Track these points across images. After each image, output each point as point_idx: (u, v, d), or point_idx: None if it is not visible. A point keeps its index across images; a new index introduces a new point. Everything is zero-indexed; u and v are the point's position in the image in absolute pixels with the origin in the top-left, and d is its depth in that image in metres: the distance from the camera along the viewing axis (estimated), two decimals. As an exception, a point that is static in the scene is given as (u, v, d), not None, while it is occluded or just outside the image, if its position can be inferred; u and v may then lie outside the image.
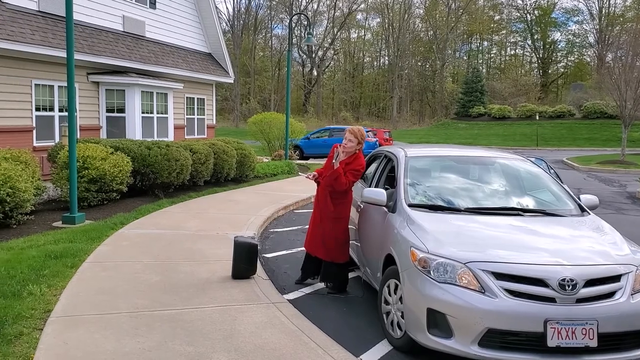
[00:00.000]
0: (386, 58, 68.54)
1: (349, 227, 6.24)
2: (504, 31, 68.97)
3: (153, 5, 16.41)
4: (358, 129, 6.05)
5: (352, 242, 6.42)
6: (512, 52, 71.99)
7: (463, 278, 4.11)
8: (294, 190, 13.48)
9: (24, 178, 8.64)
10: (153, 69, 15.58)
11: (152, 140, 12.90)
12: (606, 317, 3.95)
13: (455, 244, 4.37)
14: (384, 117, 63.11)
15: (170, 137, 16.08)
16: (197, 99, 18.97)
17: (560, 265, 4.12)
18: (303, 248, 6.57)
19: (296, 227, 9.83)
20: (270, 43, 69.76)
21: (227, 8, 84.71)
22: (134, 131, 14.60)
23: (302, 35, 59.56)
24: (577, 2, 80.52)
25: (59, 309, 4.97)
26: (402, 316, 4.51)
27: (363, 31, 71.22)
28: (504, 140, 40.49)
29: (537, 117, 42.76)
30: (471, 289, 4.06)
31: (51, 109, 12.79)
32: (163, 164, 11.28)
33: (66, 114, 9.64)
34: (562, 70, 68.39)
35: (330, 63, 70.28)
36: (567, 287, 3.97)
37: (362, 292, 6.19)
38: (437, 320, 4.13)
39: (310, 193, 12.72)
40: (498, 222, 4.88)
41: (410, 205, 5.14)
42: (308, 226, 6.39)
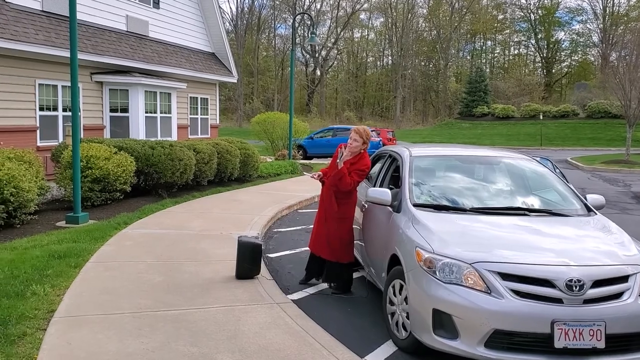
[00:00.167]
0: (389, 58, 68.54)
1: (353, 227, 6.21)
2: (508, 30, 68.77)
3: (156, 5, 16.40)
4: (363, 128, 6.01)
5: (356, 242, 6.39)
6: (516, 51, 71.84)
7: (469, 278, 4.07)
8: (297, 190, 13.45)
9: (27, 178, 8.64)
10: (156, 69, 15.58)
11: (156, 140, 12.89)
12: (614, 318, 3.91)
13: (461, 244, 4.34)
14: (387, 117, 63.02)
15: (174, 137, 16.08)
16: (201, 98, 18.97)
17: (567, 265, 4.08)
18: (307, 248, 6.55)
19: (300, 227, 9.80)
20: (274, 43, 69.79)
21: (230, 8, 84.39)
22: (138, 131, 14.60)
23: (306, 35, 59.50)
24: (581, 2, 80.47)
25: (62, 309, 4.95)
26: (407, 317, 4.48)
27: (366, 31, 71.19)
28: (508, 140, 40.39)
29: (541, 117, 42.62)
30: (477, 289, 4.02)
31: (55, 109, 12.79)
32: (167, 164, 11.27)
33: (70, 113, 9.64)
34: (565, 69, 68.18)
35: (333, 63, 70.23)
36: (574, 288, 3.93)
37: (366, 292, 6.16)
38: (443, 321, 4.09)
39: (314, 193, 12.69)
40: (504, 222, 4.84)
41: (415, 205, 5.10)
42: (313, 226, 6.36)
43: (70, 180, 9.37)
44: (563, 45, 67.47)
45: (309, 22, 53.34)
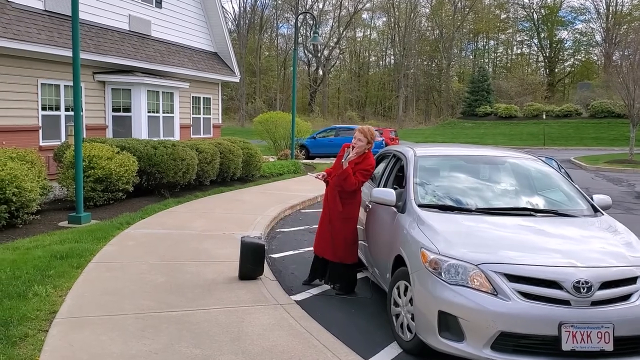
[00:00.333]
0: (392, 57, 68.44)
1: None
2: (510, 30, 68.67)
3: (159, 4, 16.37)
4: (368, 128, 5.97)
5: (360, 242, 6.35)
6: (519, 51, 71.65)
7: (475, 280, 4.03)
8: (300, 190, 13.42)
9: (30, 178, 8.62)
10: (159, 68, 15.55)
11: (158, 139, 12.86)
12: (622, 320, 3.86)
13: (466, 245, 4.29)
14: (389, 117, 62.96)
15: (176, 137, 16.04)
16: (203, 98, 18.93)
17: (574, 267, 4.03)
18: (310, 248, 6.51)
19: (303, 227, 9.76)
20: (276, 42, 69.78)
21: (232, 7, 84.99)
22: (140, 130, 14.57)
23: (308, 34, 59.48)
24: (584, 1, 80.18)
25: (64, 310, 4.92)
26: (412, 318, 4.44)
27: (369, 30, 71.12)
28: (511, 140, 40.30)
29: (544, 117, 42.54)
30: (483, 291, 3.98)
31: (57, 109, 12.76)
32: (169, 164, 11.24)
33: (72, 113, 9.60)
34: (568, 69, 68.00)
35: (336, 62, 70.15)
36: (582, 290, 3.89)
37: (370, 293, 6.12)
38: (449, 323, 4.05)
39: (317, 192, 12.66)
40: (510, 223, 4.78)
41: (420, 206, 5.05)
42: (317, 226, 6.32)
43: (73, 180, 9.35)
44: (566, 45, 67.39)
45: (312, 22, 53.32)
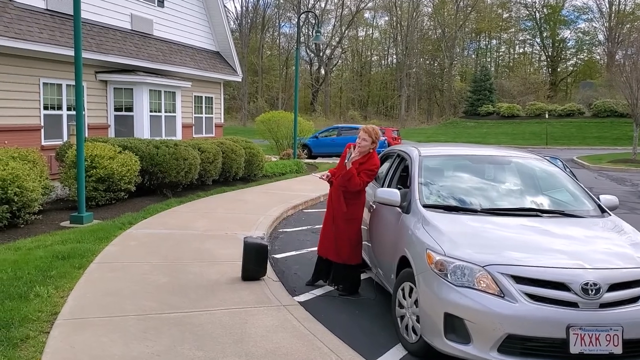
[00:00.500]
0: (394, 56, 68.30)
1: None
2: (513, 29, 68.52)
3: (161, 3, 16.33)
4: (372, 128, 5.90)
5: (363, 242, 6.29)
6: (521, 50, 71.53)
7: (481, 282, 3.97)
8: (302, 190, 13.37)
9: (31, 177, 8.58)
10: (161, 68, 15.51)
11: (160, 139, 12.83)
12: (631, 322, 3.80)
13: (472, 246, 4.23)
14: (392, 116, 62.88)
15: (179, 136, 16.00)
16: (205, 97, 18.89)
17: (582, 268, 3.97)
18: (313, 248, 6.46)
19: (306, 227, 9.71)
20: (278, 42, 69.73)
21: (235, 6, 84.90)
22: (142, 130, 14.53)
23: (310, 33, 59.41)
24: (586, 0, 79.84)
25: (66, 312, 4.87)
26: (418, 320, 4.38)
27: (371, 29, 71.04)
28: (513, 139, 40.21)
29: (547, 116, 42.44)
30: (490, 293, 3.92)
31: (59, 108, 12.73)
32: (171, 163, 11.20)
33: (74, 112, 9.57)
34: (571, 68, 67.82)
35: (338, 62, 70.08)
36: (590, 292, 3.83)
37: (374, 294, 6.06)
38: (455, 325, 3.99)
39: (319, 192, 12.62)
40: (516, 224, 4.73)
41: (425, 206, 5.00)
42: (321, 227, 6.26)
43: (75, 180, 9.31)
44: (568, 44, 67.27)
45: (314, 21, 53.24)
